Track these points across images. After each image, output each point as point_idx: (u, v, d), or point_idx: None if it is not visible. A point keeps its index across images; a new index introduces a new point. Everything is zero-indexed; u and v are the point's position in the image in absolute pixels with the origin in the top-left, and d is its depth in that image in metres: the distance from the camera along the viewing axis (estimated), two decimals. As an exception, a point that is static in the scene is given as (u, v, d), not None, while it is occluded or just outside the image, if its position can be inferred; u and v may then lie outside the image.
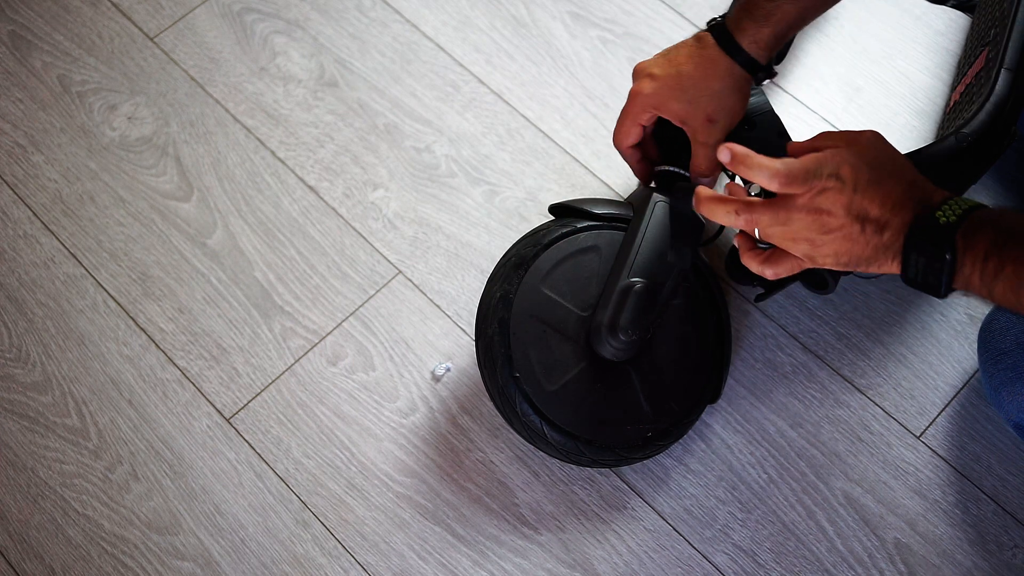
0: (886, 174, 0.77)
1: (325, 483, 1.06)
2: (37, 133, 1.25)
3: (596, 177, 1.22)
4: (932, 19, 1.31)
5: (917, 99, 1.26)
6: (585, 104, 1.26)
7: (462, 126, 1.25)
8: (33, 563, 1.03)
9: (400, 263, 1.17)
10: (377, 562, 1.03)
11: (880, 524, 1.04)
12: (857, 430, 1.08)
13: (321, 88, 1.28)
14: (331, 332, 1.13)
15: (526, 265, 1.01)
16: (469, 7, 1.33)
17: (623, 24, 1.31)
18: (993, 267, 0.73)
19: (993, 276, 0.73)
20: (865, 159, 0.78)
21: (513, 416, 0.99)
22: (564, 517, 1.05)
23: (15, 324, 1.14)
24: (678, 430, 1.03)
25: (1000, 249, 0.72)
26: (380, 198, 1.21)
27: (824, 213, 0.77)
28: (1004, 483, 1.06)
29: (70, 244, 1.18)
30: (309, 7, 1.33)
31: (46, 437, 1.08)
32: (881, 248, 0.77)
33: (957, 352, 1.12)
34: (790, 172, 0.77)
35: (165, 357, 1.12)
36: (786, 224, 0.79)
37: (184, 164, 1.23)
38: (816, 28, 1.30)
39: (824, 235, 0.78)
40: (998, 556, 1.03)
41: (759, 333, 1.13)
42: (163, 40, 1.31)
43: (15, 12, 1.33)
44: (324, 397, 1.10)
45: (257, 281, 1.16)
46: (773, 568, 1.03)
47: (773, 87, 1.26)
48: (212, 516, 1.05)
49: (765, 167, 0.78)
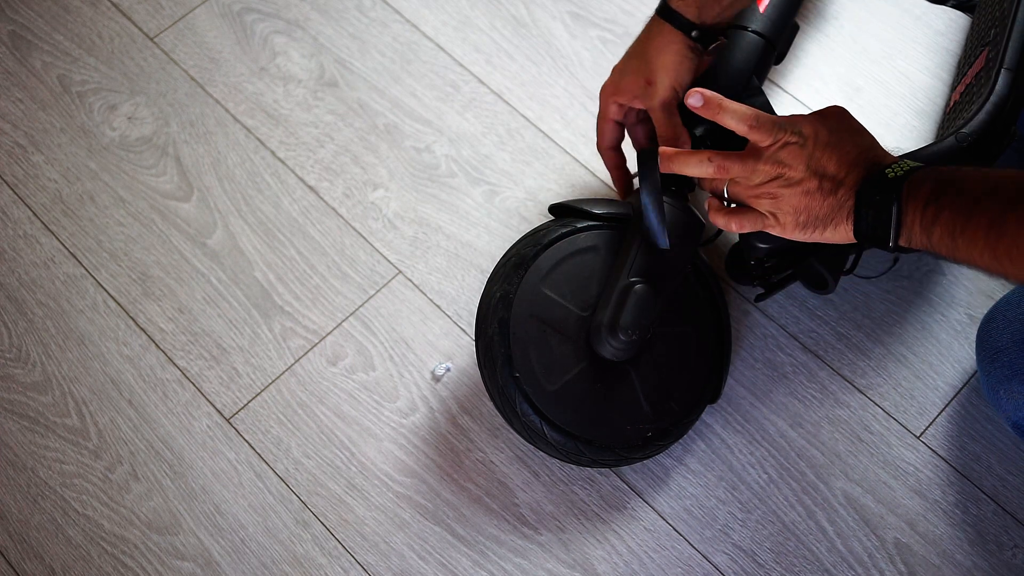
0: (845, 137, 0.85)
1: (325, 483, 1.06)
2: (37, 133, 1.25)
3: (596, 177, 1.22)
4: (932, 19, 1.31)
5: (917, 99, 1.26)
6: (585, 104, 1.26)
7: (462, 126, 1.25)
8: (33, 563, 1.03)
9: (400, 263, 1.17)
10: (377, 562, 1.03)
11: (880, 524, 1.04)
12: (857, 430, 1.08)
13: (321, 88, 1.28)
14: (331, 332, 1.13)
15: (526, 265, 1.01)
16: (469, 7, 1.33)
17: (623, 24, 1.31)
18: (932, 214, 0.79)
19: (932, 222, 0.79)
20: (827, 125, 0.86)
21: (513, 416, 0.99)
22: (564, 517, 1.05)
23: (15, 324, 1.14)
24: (678, 430, 1.03)
25: (938, 197, 0.78)
26: (380, 198, 1.21)
27: (786, 167, 0.85)
28: (1004, 483, 1.06)
29: (70, 244, 1.18)
30: (309, 7, 1.33)
31: (46, 437, 1.08)
32: (836, 206, 0.84)
33: (957, 352, 1.12)
34: (759, 118, 0.86)
35: (165, 357, 1.12)
36: (752, 174, 0.86)
37: (184, 164, 1.23)
38: (816, 28, 1.30)
39: (785, 189, 0.85)
40: (998, 556, 1.03)
41: (759, 333, 1.13)
42: (163, 40, 1.31)
43: (15, 12, 1.33)
44: (324, 397, 1.10)
45: (257, 281, 1.16)
46: (773, 568, 1.03)
47: (773, 87, 1.26)
48: (212, 516, 1.05)
49: (736, 110, 0.86)
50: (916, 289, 1.15)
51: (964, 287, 1.15)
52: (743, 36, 1.06)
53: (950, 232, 0.77)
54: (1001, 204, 0.75)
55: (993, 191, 0.76)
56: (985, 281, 1.15)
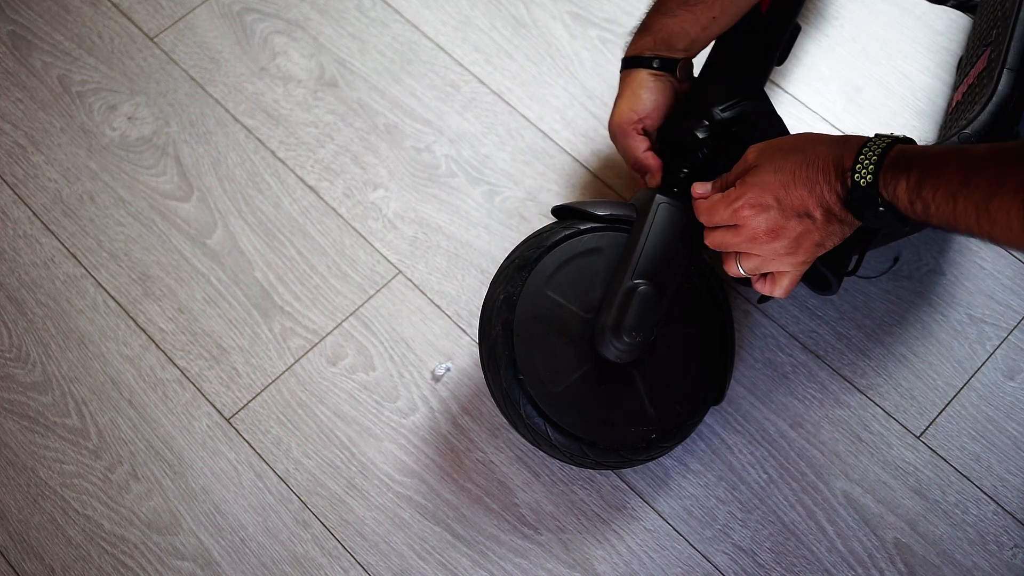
0: (787, 164, 0.87)
1: (325, 483, 1.06)
2: (37, 133, 1.25)
3: (596, 177, 1.22)
4: (932, 19, 1.31)
5: (917, 99, 1.26)
6: (585, 104, 1.26)
7: (462, 126, 1.25)
8: (33, 563, 1.02)
9: (400, 263, 1.17)
10: (377, 562, 1.03)
11: (880, 524, 1.04)
12: (857, 430, 1.09)
13: (321, 88, 1.27)
14: (331, 332, 1.13)
15: (529, 267, 1.01)
16: (469, 7, 1.33)
17: (623, 24, 1.31)
18: (915, 179, 0.79)
19: (918, 184, 0.79)
20: (762, 164, 0.89)
21: (517, 418, 0.99)
22: (564, 517, 1.05)
23: (15, 324, 1.14)
24: (682, 432, 1.03)
25: (909, 162, 0.80)
26: (380, 198, 1.21)
27: (766, 221, 0.88)
28: (1004, 483, 1.06)
29: (70, 244, 1.18)
30: (309, 7, 1.33)
31: (46, 437, 1.08)
32: (837, 221, 0.86)
33: (957, 352, 1.12)
34: (708, 209, 0.93)
35: (165, 357, 1.12)
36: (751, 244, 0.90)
37: (184, 164, 1.23)
38: (816, 28, 1.30)
39: (788, 252, 0.89)
40: (998, 556, 1.03)
41: (759, 333, 1.13)
42: (163, 40, 1.31)
43: (15, 12, 1.33)
44: (324, 397, 1.10)
45: (257, 281, 1.16)
46: (773, 568, 1.03)
47: (773, 87, 1.27)
48: (212, 516, 1.05)
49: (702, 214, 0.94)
50: (916, 289, 1.15)
51: (964, 287, 1.15)
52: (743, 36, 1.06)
53: (940, 187, 0.78)
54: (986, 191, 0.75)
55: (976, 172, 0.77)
56: (985, 281, 1.15)
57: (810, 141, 0.88)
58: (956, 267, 1.16)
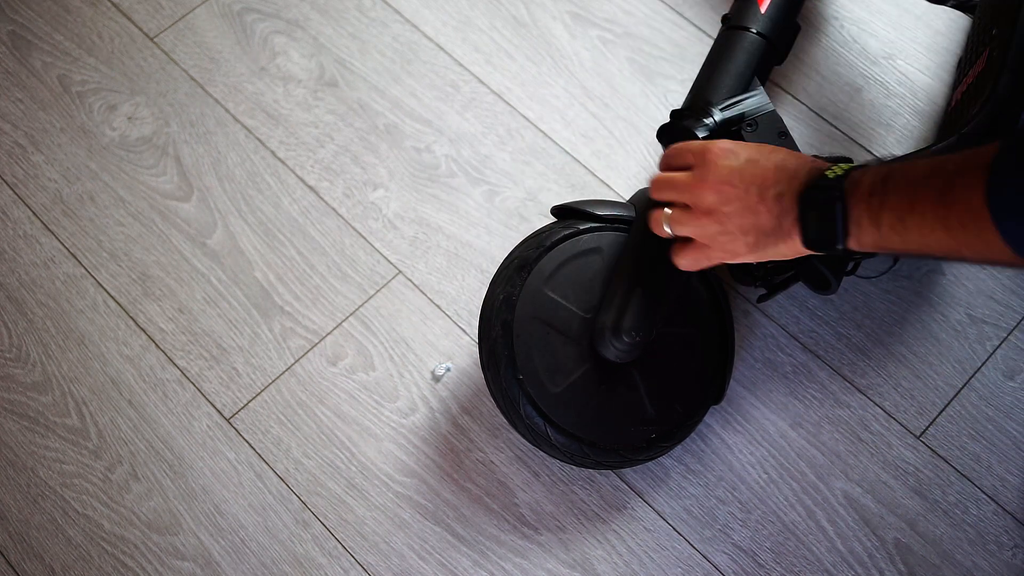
0: (765, 153, 0.86)
1: (325, 483, 1.06)
2: (37, 133, 1.25)
3: (596, 177, 1.22)
4: (932, 19, 1.31)
5: (917, 99, 1.26)
6: (585, 104, 1.26)
7: (462, 126, 1.25)
8: (33, 563, 1.02)
9: (400, 263, 1.17)
10: (377, 562, 1.03)
11: (880, 524, 1.04)
12: (857, 430, 1.09)
13: (321, 88, 1.27)
14: (331, 332, 1.13)
15: (529, 267, 1.01)
16: (469, 7, 1.33)
17: (623, 24, 1.31)
18: (877, 202, 0.76)
19: (878, 209, 0.76)
20: (738, 146, 0.87)
21: (517, 418, 0.99)
22: (564, 517, 1.05)
23: (15, 324, 1.14)
24: (682, 431, 1.03)
25: (884, 183, 0.76)
26: (380, 198, 1.21)
27: (726, 184, 0.85)
28: (1004, 483, 1.06)
29: (70, 244, 1.18)
30: (309, 7, 1.33)
31: (46, 437, 1.08)
32: (781, 214, 0.82)
33: (957, 352, 1.12)
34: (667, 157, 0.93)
35: (165, 357, 1.12)
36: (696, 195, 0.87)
37: (184, 164, 1.23)
38: (816, 28, 1.30)
39: (729, 207, 0.85)
40: (998, 556, 1.03)
41: (759, 333, 1.13)
42: (163, 40, 1.31)
43: (15, 12, 1.33)
44: (324, 397, 1.10)
45: (257, 281, 1.16)
46: (773, 568, 1.03)
47: (773, 87, 1.27)
48: (212, 516, 1.05)
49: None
50: (916, 289, 1.15)
51: (964, 287, 1.15)
52: (744, 36, 1.06)
53: (898, 216, 0.74)
54: (947, 175, 0.71)
55: (939, 167, 0.73)
56: (985, 280, 1.15)
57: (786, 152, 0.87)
58: (956, 267, 1.16)
